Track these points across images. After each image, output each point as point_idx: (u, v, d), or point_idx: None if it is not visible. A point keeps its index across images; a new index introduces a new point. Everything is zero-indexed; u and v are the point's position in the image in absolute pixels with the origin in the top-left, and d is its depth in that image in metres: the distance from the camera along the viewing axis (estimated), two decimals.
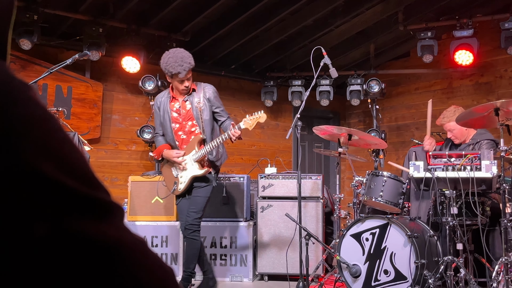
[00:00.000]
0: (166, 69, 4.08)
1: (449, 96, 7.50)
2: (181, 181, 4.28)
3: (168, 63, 4.05)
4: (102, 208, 0.45)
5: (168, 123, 4.29)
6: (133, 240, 0.46)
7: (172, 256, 5.24)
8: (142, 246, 0.46)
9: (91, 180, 0.46)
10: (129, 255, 0.44)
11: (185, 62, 4.05)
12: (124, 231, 0.46)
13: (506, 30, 5.95)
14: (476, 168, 3.77)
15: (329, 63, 4.20)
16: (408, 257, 3.78)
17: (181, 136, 4.29)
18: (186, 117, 4.27)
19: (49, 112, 0.45)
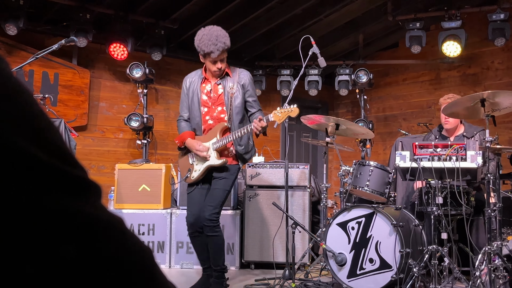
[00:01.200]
0: (199, 47, 3.81)
1: (436, 87, 7.54)
2: (196, 169, 4.02)
3: (201, 40, 3.79)
4: (78, 185, 0.45)
5: (196, 105, 4.00)
6: (110, 219, 0.46)
7: (159, 244, 5.25)
8: (119, 225, 0.46)
9: (67, 157, 0.46)
10: (106, 233, 0.44)
11: (219, 41, 3.77)
12: (101, 209, 0.45)
13: (494, 22, 5.99)
14: (461, 158, 3.80)
15: (317, 52, 4.19)
16: (393, 246, 3.82)
17: (209, 121, 4.01)
18: (216, 101, 3.98)
19: (24, 85, 0.44)
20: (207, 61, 3.88)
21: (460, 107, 3.95)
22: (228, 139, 3.89)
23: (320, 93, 7.49)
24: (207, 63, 3.91)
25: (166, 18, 6.27)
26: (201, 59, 3.93)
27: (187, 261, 5.21)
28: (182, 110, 4.14)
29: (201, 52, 3.83)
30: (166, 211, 5.28)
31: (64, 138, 4.45)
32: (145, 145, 6.29)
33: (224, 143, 3.90)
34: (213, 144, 3.92)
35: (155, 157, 6.67)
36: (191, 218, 4.04)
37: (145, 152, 6.29)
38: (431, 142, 4.09)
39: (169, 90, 6.92)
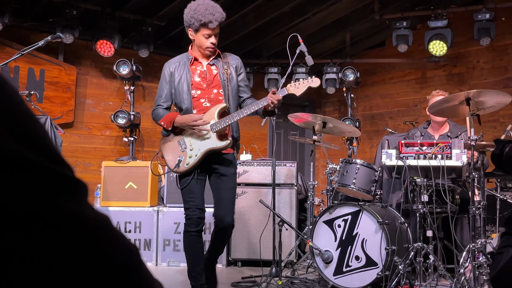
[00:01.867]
0: (194, 17, 3.43)
1: (422, 86, 7.60)
2: (191, 154, 3.49)
3: (197, 10, 3.43)
4: (64, 183, 0.45)
5: (185, 88, 3.55)
6: (96, 216, 0.46)
7: (146, 242, 5.23)
8: (105, 223, 0.46)
9: (53, 155, 0.46)
10: (91, 230, 0.45)
11: (217, 11, 3.46)
12: (87, 207, 0.46)
13: (479, 22, 6.04)
14: (446, 157, 3.84)
15: (305, 50, 4.19)
16: (379, 244, 3.85)
17: (204, 103, 3.54)
18: (211, 83, 3.58)
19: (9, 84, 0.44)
20: (199, 35, 3.50)
21: (446, 106, 3.99)
22: (231, 119, 3.47)
23: (307, 91, 7.46)
24: (199, 39, 3.52)
25: (153, 15, 6.25)
26: (191, 35, 3.56)
27: (173, 259, 5.20)
28: (159, 99, 3.66)
29: (196, 23, 3.45)
30: (153, 208, 5.26)
31: (50, 135, 4.42)
32: (132, 142, 6.27)
33: (226, 123, 3.47)
34: (212, 126, 3.47)
35: (142, 154, 6.65)
36: (196, 212, 3.50)
37: (132, 149, 6.27)
38: (417, 140, 4.12)
39: (156, 87, 6.82)
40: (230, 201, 3.56)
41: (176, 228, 5.21)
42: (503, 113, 6.42)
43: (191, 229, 3.50)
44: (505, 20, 6.54)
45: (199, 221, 3.51)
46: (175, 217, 5.22)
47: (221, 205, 3.54)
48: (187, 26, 3.54)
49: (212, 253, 3.74)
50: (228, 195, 3.56)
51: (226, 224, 3.52)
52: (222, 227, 3.54)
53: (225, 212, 3.52)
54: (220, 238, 3.62)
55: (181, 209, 5.08)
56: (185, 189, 3.53)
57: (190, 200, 3.51)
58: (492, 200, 4.94)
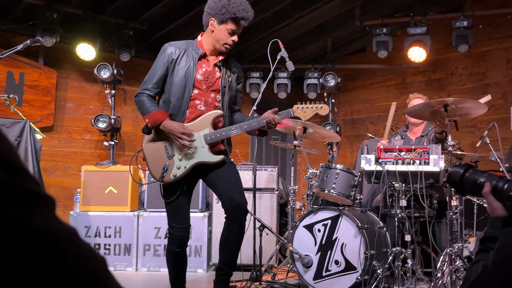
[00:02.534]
0: (226, 8, 3.12)
1: (402, 92, 7.68)
2: (179, 165, 3.15)
3: (232, 1, 3.12)
4: (29, 198, 0.46)
5: (184, 83, 3.17)
6: (62, 230, 0.47)
7: (126, 247, 5.21)
8: (72, 235, 0.47)
9: (20, 171, 0.47)
10: (58, 243, 0.45)
11: (250, 10, 3.21)
12: (53, 220, 0.47)
13: (458, 29, 6.14)
14: (424, 162, 3.89)
15: (286, 56, 4.21)
16: (358, 248, 3.88)
17: (199, 106, 3.21)
18: (212, 85, 3.26)
19: None
20: (223, 28, 3.18)
21: (424, 111, 4.05)
22: (228, 133, 3.19)
23: (289, 96, 7.55)
24: (221, 32, 3.19)
25: (135, 19, 6.23)
26: (211, 25, 3.21)
27: (154, 264, 5.18)
28: (148, 83, 3.23)
29: (227, 14, 3.13)
30: (133, 213, 5.24)
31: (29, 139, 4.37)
32: (113, 146, 6.23)
33: (221, 136, 3.19)
34: (206, 136, 3.17)
35: (122, 158, 6.62)
36: (180, 233, 3.21)
37: (113, 153, 6.23)
38: (398, 144, 4.18)
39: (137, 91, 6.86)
40: (239, 182, 3.23)
41: (157, 233, 5.20)
42: (480, 119, 6.53)
43: (174, 248, 3.24)
44: (482, 27, 6.66)
45: (182, 241, 3.25)
46: (155, 221, 5.20)
47: (230, 187, 3.17)
48: (211, 14, 3.19)
49: (226, 254, 3.26)
50: (235, 179, 3.22)
51: (237, 204, 3.13)
52: (234, 213, 3.14)
53: (235, 192, 3.16)
54: (235, 226, 3.19)
55: (161, 213, 5.07)
56: (172, 205, 3.21)
57: (176, 219, 3.21)
58: (470, 204, 5.02)
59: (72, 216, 5.24)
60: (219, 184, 3.21)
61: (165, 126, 3.11)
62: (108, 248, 5.20)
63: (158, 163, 3.18)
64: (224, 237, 3.26)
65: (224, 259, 3.27)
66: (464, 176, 1.67)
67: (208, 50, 3.29)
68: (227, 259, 3.27)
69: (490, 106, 6.23)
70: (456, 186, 1.70)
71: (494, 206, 1.58)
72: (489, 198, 1.59)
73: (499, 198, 1.57)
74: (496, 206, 1.58)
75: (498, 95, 6.80)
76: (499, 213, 1.57)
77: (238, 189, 3.20)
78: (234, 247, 3.26)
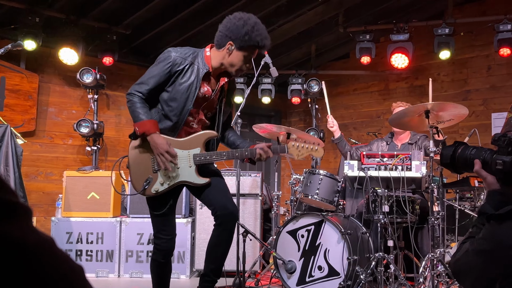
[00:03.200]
0: (250, 35, 2.95)
1: (385, 98, 7.75)
2: (163, 181, 3.05)
3: (255, 28, 2.96)
4: (6, 209, 0.45)
5: (187, 102, 3.03)
6: (38, 240, 0.46)
7: (108, 253, 5.16)
8: (48, 245, 0.47)
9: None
10: (34, 253, 0.45)
11: (269, 37, 3.06)
12: (30, 230, 0.46)
13: (439, 36, 6.22)
14: (407, 168, 3.92)
15: (269, 62, 4.25)
16: (341, 254, 3.89)
17: (191, 123, 3.12)
18: (207, 106, 3.15)
19: None
20: (239, 54, 3.03)
21: (406, 119, 4.09)
22: (218, 158, 3.10)
23: (273, 101, 7.57)
24: (237, 57, 3.05)
25: (119, 24, 6.20)
26: (228, 48, 3.03)
27: (136, 270, 5.14)
28: (143, 86, 3.03)
29: (249, 41, 2.97)
30: (115, 219, 5.20)
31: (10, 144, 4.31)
32: (95, 151, 6.19)
33: (211, 159, 3.09)
34: (196, 156, 3.06)
35: (105, 164, 6.57)
36: (167, 244, 3.14)
37: (95, 159, 6.18)
38: (376, 150, 4.21)
39: (120, 96, 6.82)
40: (228, 189, 3.17)
41: (139, 239, 5.16)
42: (462, 125, 6.60)
43: (160, 259, 3.16)
44: (463, 34, 6.75)
45: (168, 252, 3.18)
46: (138, 227, 5.16)
47: (221, 194, 3.10)
48: (230, 37, 3.01)
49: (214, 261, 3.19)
50: (224, 186, 3.17)
51: (230, 211, 3.05)
52: (225, 220, 3.05)
53: (226, 200, 3.09)
54: (226, 234, 3.10)
55: (144, 219, 5.04)
56: (161, 217, 3.12)
57: (163, 230, 3.12)
58: (451, 210, 5.07)
59: (54, 222, 5.18)
60: (209, 192, 3.12)
61: (153, 139, 2.97)
62: (90, 255, 5.15)
63: (141, 174, 3.07)
64: (213, 244, 3.17)
65: (211, 266, 3.19)
66: (455, 156, 1.68)
67: (214, 67, 3.12)
68: (214, 267, 3.19)
69: (471, 113, 6.31)
70: (449, 167, 1.72)
71: (488, 181, 1.60)
72: (482, 173, 1.61)
73: (490, 172, 1.58)
74: (490, 180, 1.59)
75: (479, 102, 6.89)
76: (495, 187, 1.58)
77: (229, 196, 3.13)
78: (222, 254, 3.18)
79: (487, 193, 1.62)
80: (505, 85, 6.68)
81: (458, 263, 1.51)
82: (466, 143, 1.73)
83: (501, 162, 1.55)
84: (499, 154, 1.57)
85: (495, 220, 1.39)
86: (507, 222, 1.36)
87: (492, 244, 1.38)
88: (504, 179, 1.57)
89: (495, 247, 1.37)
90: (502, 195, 1.56)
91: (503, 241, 1.35)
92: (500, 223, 1.37)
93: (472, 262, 1.43)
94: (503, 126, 4.67)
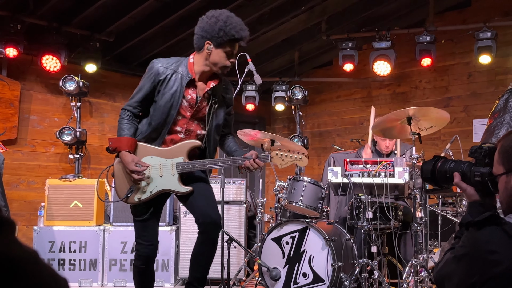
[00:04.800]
0: (224, 30, 2.95)
1: (368, 105, 7.80)
2: (145, 190, 3.09)
3: (228, 22, 2.96)
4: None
5: (171, 111, 3.06)
6: (23, 253, 0.46)
7: (91, 262, 5.11)
8: (33, 258, 0.47)
9: None
10: (18, 267, 0.45)
11: (246, 28, 3.03)
12: (14, 244, 0.46)
13: (421, 44, 6.29)
14: (390, 174, 3.96)
15: (253, 69, 4.24)
16: (325, 260, 3.90)
17: (179, 134, 3.14)
18: (196, 114, 3.14)
19: None
20: (220, 51, 3.02)
21: (389, 126, 4.12)
22: (201, 166, 3.08)
23: (257, 108, 7.58)
24: (218, 55, 3.03)
25: (101, 31, 6.18)
26: (207, 48, 3.03)
27: (120, 279, 5.09)
28: (134, 100, 3.12)
29: (224, 37, 2.96)
30: (98, 227, 5.15)
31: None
32: (78, 159, 6.13)
33: (194, 168, 3.08)
34: (178, 165, 3.08)
35: (88, 172, 6.51)
36: (148, 250, 3.16)
37: (78, 167, 6.13)
38: (361, 158, 4.24)
39: (103, 103, 6.78)
40: (213, 197, 3.16)
41: (123, 248, 5.12)
42: (444, 131, 6.68)
43: (140, 265, 3.19)
44: (444, 42, 6.84)
45: (149, 259, 3.19)
46: (122, 236, 5.12)
47: (204, 202, 3.10)
48: (206, 37, 3.01)
49: (198, 270, 3.18)
50: (209, 193, 3.17)
51: (212, 220, 3.05)
52: (207, 228, 3.06)
53: (209, 207, 3.09)
54: (209, 242, 3.12)
55: (128, 227, 5.00)
56: (142, 223, 3.15)
57: (144, 235, 3.15)
58: (434, 216, 5.11)
59: (36, 231, 5.12)
60: (193, 199, 3.13)
61: (121, 156, 3.07)
62: (73, 264, 5.09)
63: (125, 183, 3.12)
64: (197, 253, 3.18)
65: (196, 274, 3.19)
66: (435, 170, 1.71)
67: (199, 73, 3.12)
68: (198, 275, 3.19)
69: (452, 119, 6.39)
70: (430, 181, 1.75)
71: (468, 193, 1.63)
72: (462, 185, 1.64)
73: (470, 183, 1.62)
74: (470, 192, 1.62)
75: (460, 108, 6.98)
76: (475, 198, 1.62)
77: (212, 204, 3.14)
78: (206, 263, 3.20)
79: (468, 204, 1.66)
80: (486, 92, 6.78)
81: (440, 272, 1.54)
82: (445, 157, 1.76)
83: (479, 174, 1.60)
84: (476, 166, 1.61)
85: (474, 227, 1.42)
86: (485, 228, 1.39)
87: (471, 250, 1.41)
88: (482, 190, 1.61)
89: (473, 252, 1.39)
90: (482, 205, 1.60)
91: (481, 246, 1.37)
92: (479, 229, 1.40)
93: (453, 270, 1.46)
94: (483, 133, 4.74)
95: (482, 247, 1.37)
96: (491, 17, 6.27)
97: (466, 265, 1.40)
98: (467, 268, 1.39)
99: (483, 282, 1.33)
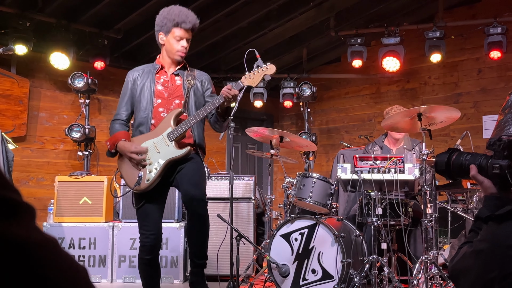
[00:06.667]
0: (166, 18, 3.34)
1: (377, 101, 7.78)
2: (151, 169, 3.27)
3: (170, 12, 3.35)
4: (10, 208, 0.45)
5: (147, 96, 3.37)
6: (43, 240, 0.46)
7: (100, 258, 5.12)
8: (52, 245, 0.46)
9: None
10: (37, 253, 0.44)
11: (191, 15, 3.40)
12: (34, 230, 0.45)
13: (430, 39, 6.25)
14: (399, 170, 3.93)
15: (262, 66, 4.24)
16: (335, 257, 3.89)
17: (162, 113, 3.38)
18: (173, 93, 3.43)
19: None
20: (170, 38, 3.37)
21: (399, 121, 4.10)
22: (187, 124, 3.26)
23: (265, 105, 7.58)
24: (169, 42, 3.38)
25: (110, 28, 6.19)
26: (161, 39, 3.42)
27: (129, 275, 5.11)
28: (119, 108, 3.47)
29: (168, 23, 3.34)
30: (108, 224, 5.17)
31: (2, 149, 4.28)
32: (87, 156, 6.15)
33: (183, 129, 3.27)
34: (169, 134, 3.28)
35: (97, 168, 6.53)
36: (149, 239, 3.30)
37: (87, 163, 6.15)
38: (376, 154, 4.22)
39: (112, 100, 6.80)
40: (194, 176, 3.26)
41: (132, 244, 5.13)
42: (453, 128, 6.64)
43: (144, 256, 3.32)
44: (454, 38, 6.80)
45: (152, 248, 3.31)
46: (130, 232, 5.13)
47: (186, 180, 3.24)
48: (158, 30, 3.41)
49: (193, 246, 3.36)
50: (192, 171, 3.27)
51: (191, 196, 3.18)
52: (190, 205, 3.21)
53: (189, 185, 3.21)
54: (195, 218, 3.24)
55: (137, 224, 5.00)
56: (140, 211, 3.32)
57: (144, 225, 3.31)
58: (444, 212, 5.08)
59: (46, 228, 5.14)
60: (179, 181, 3.30)
61: (119, 146, 3.32)
62: (82, 260, 5.11)
63: (132, 173, 3.32)
64: (188, 230, 3.40)
65: (193, 250, 3.39)
66: (450, 163, 1.69)
67: (166, 63, 3.48)
68: (195, 250, 3.37)
69: (462, 115, 6.35)
70: (444, 174, 1.72)
71: (485, 185, 1.60)
72: (479, 178, 1.62)
73: (487, 176, 1.59)
74: (487, 185, 1.60)
75: (470, 105, 6.93)
76: (492, 191, 1.59)
77: (192, 181, 3.24)
78: (198, 238, 3.33)
79: (484, 198, 1.63)
80: (496, 88, 6.73)
81: (456, 266, 1.51)
82: (460, 150, 1.74)
83: (498, 166, 1.56)
84: (495, 159, 1.58)
85: (494, 221, 1.40)
86: (506, 222, 1.36)
87: (491, 244, 1.38)
88: (500, 183, 1.58)
89: (493, 247, 1.37)
90: (499, 199, 1.57)
91: (502, 240, 1.35)
92: (499, 223, 1.38)
93: (470, 264, 1.43)
94: (494, 129, 4.70)
95: (503, 241, 1.34)
96: (501, 12, 6.21)
97: (484, 260, 1.38)
98: (486, 263, 1.37)
99: (502, 278, 1.31)
